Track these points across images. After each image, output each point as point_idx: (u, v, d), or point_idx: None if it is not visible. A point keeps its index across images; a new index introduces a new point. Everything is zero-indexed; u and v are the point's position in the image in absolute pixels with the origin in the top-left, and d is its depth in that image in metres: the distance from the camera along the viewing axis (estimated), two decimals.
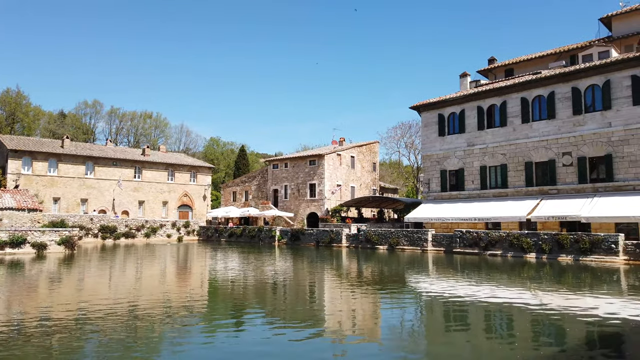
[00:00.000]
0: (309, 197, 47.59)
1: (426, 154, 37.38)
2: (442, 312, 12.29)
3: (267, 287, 16.64)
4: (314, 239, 37.64)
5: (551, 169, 30.25)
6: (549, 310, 12.02)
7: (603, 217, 25.33)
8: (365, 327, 10.62)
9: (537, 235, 26.27)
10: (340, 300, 14.33)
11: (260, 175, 54.04)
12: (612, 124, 28.01)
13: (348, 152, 50.23)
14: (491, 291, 15.04)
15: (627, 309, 12.11)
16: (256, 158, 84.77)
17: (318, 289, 16.92)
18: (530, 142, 31.42)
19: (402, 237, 32.32)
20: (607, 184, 27.75)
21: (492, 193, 32.87)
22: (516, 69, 39.29)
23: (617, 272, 20.41)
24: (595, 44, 33.14)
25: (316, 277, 20.07)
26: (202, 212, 56.03)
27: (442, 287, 16.36)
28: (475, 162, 34.23)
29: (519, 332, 10.12)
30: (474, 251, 28.30)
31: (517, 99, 32.40)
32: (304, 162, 48.68)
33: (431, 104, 37.08)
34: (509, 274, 20.02)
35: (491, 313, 11.95)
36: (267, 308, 12.88)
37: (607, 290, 15.57)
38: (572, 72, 29.80)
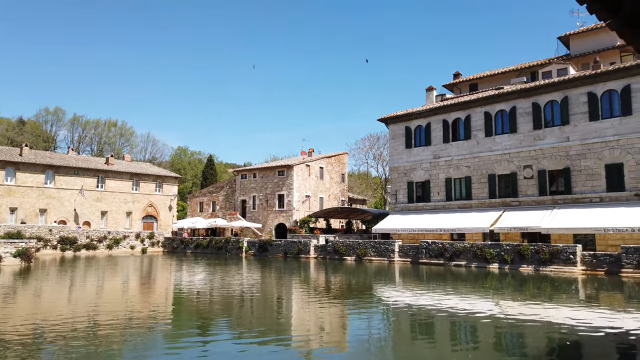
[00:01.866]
0: (278, 207, 47.37)
1: (394, 166, 37.90)
2: (408, 323, 12.43)
3: (233, 300, 16.40)
4: (282, 250, 37.43)
5: (513, 181, 31.19)
6: (511, 320, 12.32)
7: (562, 229, 26.25)
8: (332, 338, 10.60)
9: (500, 246, 26.95)
10: (308, 311, 14.28)
11: (228, 185, 53.48)
12: (570, 139, 29.17)
13: (317, 163, 50.38)
14: (456, 301, 15.29)
15: (585, 319, 12.53)
16: (224, 168, 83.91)
17: (285, 300, 16.81)
18: (493, 155, 32.34)
19: (370, 248, 32.55)
20: (565, 196, 28.81)
21: (457, 204, 33.57)
22: (480, 84, 40.50)
23: (576, 282, 21.14)
24: (554, 61, 34.59)
25: (284, 288, 19.94)
26: (168, 223, 54.89)
27: (408, 297, 16.52)
28: (440, 174, 34.93)
29: (483, 342, 10.32)
30: (439, 262, 28.77)
31: (480, 113, 33.36)
32: (273, 173, 48.51)
33: (398, 117, 37.71)
34: (473, 285, 20.42)
35: (456, 323, 12.14)
36: (234, 320, 12.70)
37: (566, 300, 16.08)
38: (533, 88, 30.96)
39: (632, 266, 22.56)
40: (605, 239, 26.49)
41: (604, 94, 28.21)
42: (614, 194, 27.07)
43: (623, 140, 27.19)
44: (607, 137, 27.73)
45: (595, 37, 33.72)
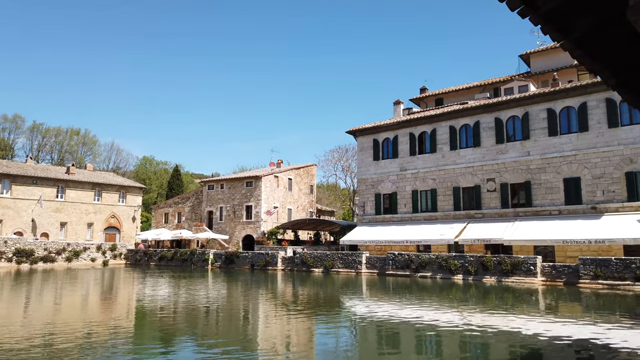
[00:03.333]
0: (245, 219, 46.89)
1: (361, 178, 38.22)
2: (375, 334, 12.48)
3: (198, 313, 16.05)
4: (249, 262, 36.99)
5: (477, 194, 31.96)
6: (474, 331, 12.52)
7: (523, 240, 27.03)
8: (299, 351, 10.52)
9: (464, 258, 27.47)
10: (275, 324, 14.12)
11: (194, 196, 52.62)
12: (531, 153, 30.19)
13: (285, 174, 50.26)
14: (421, 312, 15.44)
15: (545, 328, 12.87)
16: (191, 178, 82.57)
17: (252, 313, 16.58)
18: (458, 168, 33.08)
19: (338, 260, 32.58)
20: (526, 209, 29.71)
21: (423, 216, 34.08)
22: (445, 99, 41.53)
23: (536, 292, 21.73)
24: (515, 78, 35.89)
25: (250, 301, 19.67)
26: (131, 234, 53.41)
27: (375, 309, 16.58)
28: (407, 186, 35.44)
29: (447, 352, 10.45)
30: (405, 273, 29.05)
31: (446, 127, 34.13)
32: (241, 184, 48.08)
33: (366, 129, 38.15)
34: (438, 296, 20.70)
35: (422, 334, 12.26)
36: (199, 334, 12.42)
37: (527, 311, 16.49)
38: (495, 104, 31.96)
39: (589, 277, 23.38)
40: (564, 250, 27.41)
41: (562, 110, 29.40)
42: (572, 207, 28.10)
43: (580, 155, 28.34)
44: (565, 152, 28.84)
45: (554, 55, 35.19)
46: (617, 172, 27.02)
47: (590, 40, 3.73)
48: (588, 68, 4.26)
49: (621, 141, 27.09)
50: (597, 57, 4.02)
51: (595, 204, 27.34)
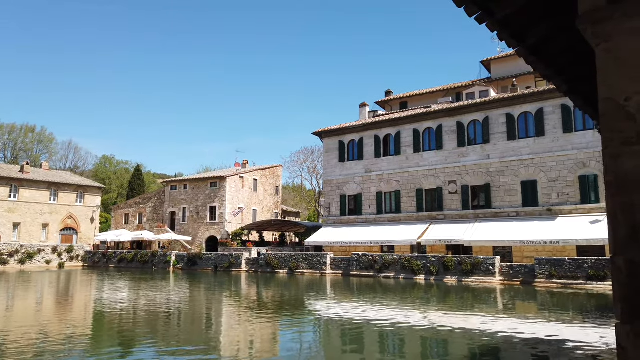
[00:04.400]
0: (209, 220, 46.18)
1: (327, 179, 38.35)
2: (339, 335, 12.55)
3: (159, 316, 15.67)
4: (212, 263, 36.45)
5: (439, 196, 32.63)
6: (436, 329, 12.80)
7: (482, 241, 27.80)
8: (263, 353, 10.45)
9: (426, 258, 28.00)
10: (238, 326, 13.98)
11: (156, 196, 51.41)
12: (490, 157, 31.09)
13: (251, 174, 49.84)
14: (385, 312, 15.62)
15: (502, 326, 13.26)
16: (153, 179, 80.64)
17: (215, 315, 16.35)
18: (421, 170, 33.69)
19: (302, 261, 32.56)
20: (486, 210, 30.56)
21: (387, 218, 34.51)
22: (410, 102, 42.22)
23: (495, 291, 22.38)
24: (477, 83, 36.90)
25: (213, 304, 19.39)
26: (89, 235, 51.65)
27: (339, 309, 16.67)
28: (372, 187, 35.81)
29: (410, 351, 10.62)
30: (369, 274, 29.33)
31: (410, 130, 34.71)
32: (205, 184, 47.32)
33: (332, 131, 38.33)
34: (401, 296, 21.01)
35: (385, 334, 12.40)
36: (160, 338, 12.12)
37: (485, 309, 16.96)
38: (457, 108, 32.75)
39: (544, 276, 24.27)
40: (521, 250, 28.35)
41: (521, 115, 30.43)
42: (529, 209, 29.11)
43: (537, 159, 29.39)
44: (523, 156, 29.85)
45: (513, 62, 36.37)
46: (571, 175, 28.18)
47: (544, 47, 3.86)
48: (542, 74, 4.42)
49: (575, 146, 28.27)
50: (550, 64, 4.17)
51: (551, 206, 28.41)
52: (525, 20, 3.50)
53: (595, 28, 2.76)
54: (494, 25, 3.45)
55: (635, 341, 2.49)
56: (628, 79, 2.65)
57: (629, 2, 2.65)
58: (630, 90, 2.64)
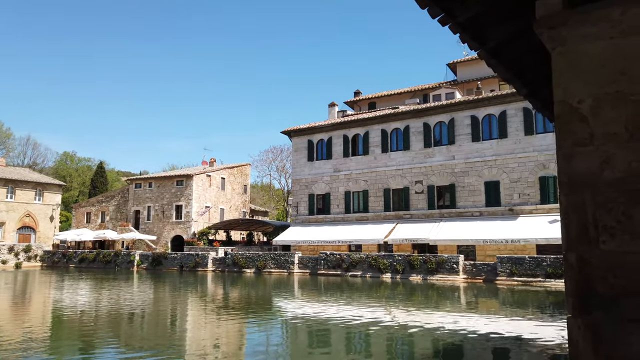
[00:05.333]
0: (175, 219, 45.34)
1: (296, 178, 38.32)
2: (306, 334, 12.56)
3: (122, 318, 15.27)
4: (178, 263, 35.82)
5: (406, 195, 33.12)
6: (401, 327, 12.99)
7: (447, 240, 28.40)
8: (229, 354, 10.34)
9: (392, 257, 28.38)
10: (204, 327, 13.79)
11: (120, 195, 50.09)
12: (455, 157, 31.78)
13: (218, 173, 49.23)
14: (351, 311, 15.75)
15: (465, 323, 13.58)
16: (117, 176, 78.53)
17: (180, 317, 16.06)
18: (388, 170, 34.10)
19: (270, 260, 32.42)
20: (451, 210, 31.22)
21: (355, 217, 34.77)
22: (378, 103, 42.67)
23: (458, 289, 22.90)
24: (443, 85, 37.63)
25: (178, 304, 19.05)
26: (49, 235, 49.82)
27: (306, 309, 16.68)
28: (340, 187, 36.00)
29: (376, 349, 10.75)
30: (337, 272, 29.48)
31: (378, 130, 35.07)
32: (171, 182, 46.43)
33: (301, 130, 38.32)
34: (367, 294, 21.22)
35: (352, 332, 12.48)
36: (123, 341, 11.79)
37: (449, 307, 17.33)
38: (424, 110, 33.32)
39: (505, 274, 25.01)
40: (484, 249, 29.10)
41: (485, 117, 31.23)
42: (492, 208, 29.92)
43: (500, 160, 30.23)
44: (487, 157, 30.65)
45: (478, 65, 37.27)
46: (532, 176, 29.12)
47: (504, 50, 3.97)
48: (502, 77, 4.55)
49: (536, 148, 29.23)
50: (510, 67, 4.29)
51: (513, 206, 29.28)
52: (486, 23, 3.59)
53: (551, 32, 2.86)
54: (456, 28, 3.52)
55: (585, 334, 2.60)
56: (581, 83, 2.76)
57: (583, 8, 2.76)
58: (583, 93, 2.74)
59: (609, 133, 2.64)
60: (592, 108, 2.71)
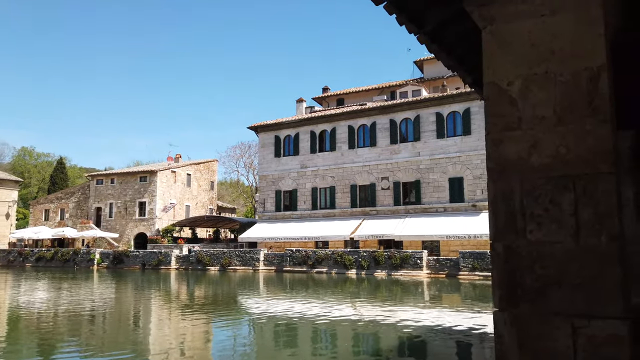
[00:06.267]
0: (138, 216, 44.15)
1: (262, 174, 37.90)
2: (272, 332, 12.36)
3: (82, 318, 14.60)
4: (140, 261, 34.87)
5: (372, 191, 33.20)
6: (366, 322, 13.00)
7: (412, 236, 28.62)
8: (195, 354, 10.06)
9: (358, 253, 28.42)
10: (168, 327, 13.39)
11: (80, 191, 48.42)
12: (421, 154, 32.05)
13: (184, 169, 48.21)
14: (316, 307, 15.61)
15: (428, 317, 13.63)
16: (80, 173, 76.00)
17: (143, 316, 15.57)
18: (355, 166, 34.11)
19: (235, 257, 31.94)
20: (416, 206, 31.49)
21: (321, 213, 34.64)
22: (346, 99, 42.63)
23: (422, 284, 23.08)
24: (410, 83, 37.88)
25: (141, 303, 18.47)
26: (4, 233, 47.64)
27: (272, 306, 16.45)
28: (307, 183, 35.80)
29: (341, 345, 10.67)
30: (302, 269, 29.30)
31: (345, 127, 35.02)
32: (134, 178, 45.17)
33: (268, 126, 37.90)
34: (333, 290, 21.14)
35: (316, 328, 12.38)
36: (83, 342, 11.19)
37: (412, 302, 17.41)
38: (390, 106, 33.46)
39: (467, 269, 25.38)
40: (448, 245, 29.47)
41: (449, 114, 31.59)
42: (456, 204, 30.31)
43: (463, 156, 30.65)
44: (451, 154, 31.03)
45: None
46: None
47: (444, 34, 3.82)
48: (446, 65, 4.41)
49: None
50: (452, 54, 4.15)
51: (475, 202, 29.74)
52: (422, 4, 3.42)
53: (481, 10, 2.71)
54: (392, 9, 3.35)
55: (511, 328, 2.46)
56: (510, 63, 2.62)
57: None
58: (512, 74, 2.60)
59: (537, 116, 2.51)
60: (522, 90, 2.57)
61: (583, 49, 2.44)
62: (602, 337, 2.22)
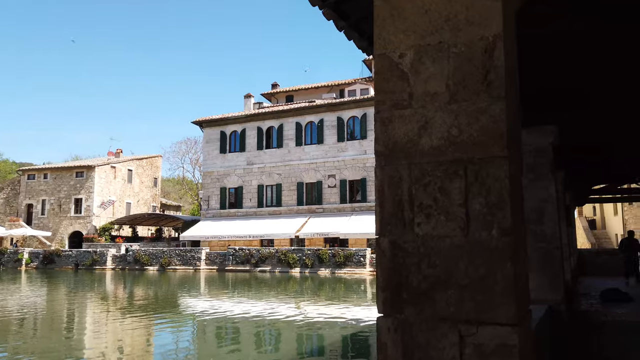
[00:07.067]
0: (74, 213, 41.76)
1: (207, 171, 36.83)
2: (214, 333, 12.07)
3: (8, 323, 13.34)
4: (73, 261, 32.94)
5: (319, 189, 33.00)
6: (307, 321, 12.79)
7: (357, 234, 28.66)
8: (135, 358, 9.48)
9: (302, 251, 28.13)
10: (105, 330, 12.52)
11: (10, 187, 45.24)
12: (367, 152, 32.18)
13: (125, 164, 46.12)
14: (258, 307, 15.28)
15: (368, 315, 13.52)
16: (13, 168, 71.22)
17: (78, 320, 14.55)
18: (302, 164, 33.78)
19: (175, 257, 30.79)
20: (362, 204, 31.58)
21: (267, 211, 34.08)
22: (296, 96, 42.22)
23: (364, 282, 23.08)
24: (358, 81, 37.98)
25: (74, 305, 17.28)
26: None
27: (211, 306, 16.03)
28: (253, 180, 35.11)
29: (284, 344, 10.52)
30: (245, 268, 28.66)
31: (292, 123, 34.61)
32: (70, 174, 42.69)
33: (214, 121, 36.88)
34: (276, 289, 20.79)
35: (259, 328, 12.17)
36: (10, 349, 10.11)
37: (355, 300, 17.30)
38: (338, 104, 33.39)
39: None
40: None
41: None
42: None
43: None
44: None
45: None
46: None
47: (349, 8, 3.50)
48: (358, 46, 4.08)
49: None
50: (363, 34, 3.82)
51: None
52: None
53: None
54: None
55: (395, 336, 2.12)
56: (403, 32, 2.28)
57: None
58: (404, 45, 2.26)
59: (429, 93, 2.18)
60: (414, 63, 2.23)
61: (478, 15, 2.13)
62: (491, 347, 1.92)
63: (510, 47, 2.14)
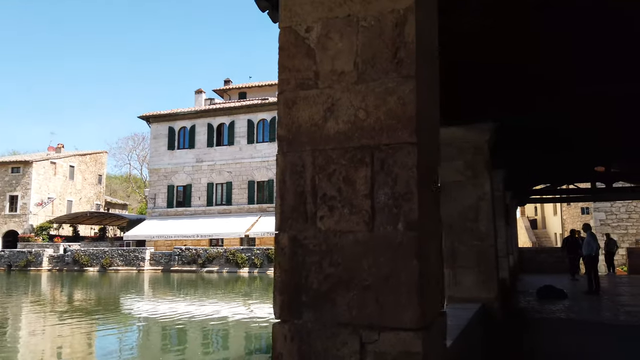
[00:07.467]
0: (9, 211, 39.21)
1: (154, 168, 35.55)
2: (158, 334, 11.79)
3: None
4: (5, 262, 30.88)
5: (270, 188, 32.56)
6: (257, 321, 12.61)
7: None
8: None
9: (251, 251, 27.66)
10: (42, 335, 11.77)
11: None
12: None
13: (67, 160, 43.77)
14: (204, 308, 14.94)
15: None
16: None
17: (12, 324, 13.53)
18: (254, 162, 33.22)
19: (117, 257, 29.47)
20: None
21: (217, 210, 33.29)
22: (249, 93, 41.52)
23: None
24: None
25: (6, 309, 16.07)
26: None
27: (154, 308, 15.53)
28: (203, 178, 34.20)
29: (231, 344, 10.36)
30: (192, 268, 27.86)
31: (244, 120, 33.97)
32: (5, 169, 40.06)
33: (162, 116, 35.66)
34: (223, 290, 20.41)
35: (206, 329, 11.93)
36: None
37: None
38: None
39: None
40: None
41: None
42: None
43: None
44: None
45: None
46: None
47: None
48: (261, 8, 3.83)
49: None
50: None
51: None
52: None
53: None
54: None
55: (292, 345, 1.88)
56: (309, 3, 2.05)
57: None
58: (311, 17, 2.03)
59: (336, 71, 1.96)
60: (320, 38, 2.01)
61: None
62: (393, 355, 1.71)
63: (424, 21, 1.95)
